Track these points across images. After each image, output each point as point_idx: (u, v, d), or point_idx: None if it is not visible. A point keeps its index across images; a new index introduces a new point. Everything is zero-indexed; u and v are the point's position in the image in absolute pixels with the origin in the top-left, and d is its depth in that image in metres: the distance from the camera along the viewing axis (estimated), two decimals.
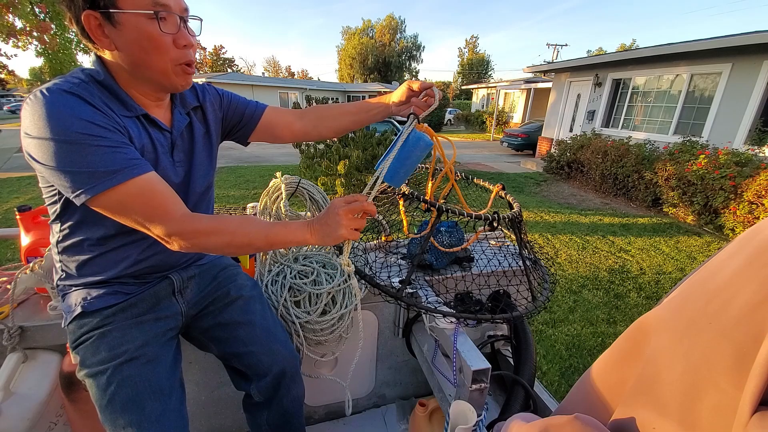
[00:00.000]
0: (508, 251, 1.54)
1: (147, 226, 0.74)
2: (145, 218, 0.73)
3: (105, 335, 0.84)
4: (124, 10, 0.70)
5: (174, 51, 0.76)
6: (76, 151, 0.68)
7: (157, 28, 0.73)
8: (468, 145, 15.38)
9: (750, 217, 4.62)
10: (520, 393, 1.16)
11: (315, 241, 0.79)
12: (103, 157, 0.69)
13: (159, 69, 0.77)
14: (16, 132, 14.71)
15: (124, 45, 0.73)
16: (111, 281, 0.87)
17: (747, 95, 5.94)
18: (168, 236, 0.75)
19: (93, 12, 0.70)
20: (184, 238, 0.75)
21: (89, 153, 0.68)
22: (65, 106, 0.68)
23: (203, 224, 0.76)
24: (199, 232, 0.76)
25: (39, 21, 7.90)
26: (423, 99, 1.03)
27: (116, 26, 0.72)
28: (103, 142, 0.70)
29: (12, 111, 32.25)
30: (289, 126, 1.10)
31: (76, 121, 0.68)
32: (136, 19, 0.71)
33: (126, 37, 0.73)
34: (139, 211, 0.73)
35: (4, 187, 6.64)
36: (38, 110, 0.67)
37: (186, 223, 0.75)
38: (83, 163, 0.68)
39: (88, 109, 0.70)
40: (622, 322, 2.94)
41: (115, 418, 0.81)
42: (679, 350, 0.41)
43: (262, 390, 1.03)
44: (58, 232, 0.83)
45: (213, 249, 0.79)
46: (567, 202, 6.62)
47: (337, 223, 0.76)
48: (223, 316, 1.03)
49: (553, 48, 27.14)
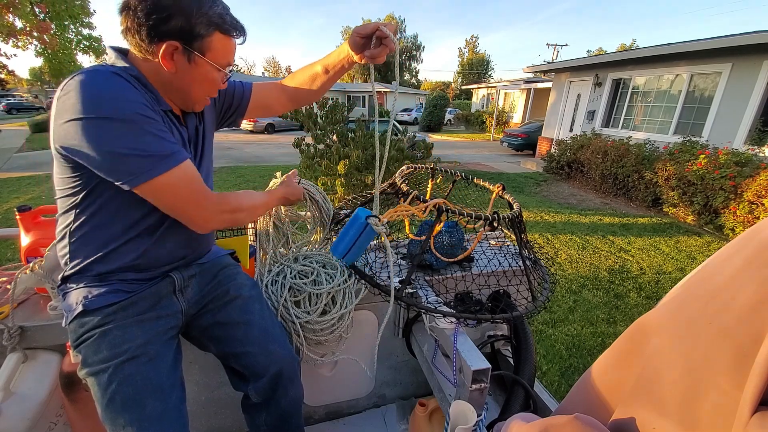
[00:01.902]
0: (508, 251, 1.53)
1: (188, 209, 0.83)
2: (188, 201, 0.82)
3: (106, 334, 0.84)
4: (206, 59, 0.81)
5: (215, 91, 0.91)
6: (132, 133, 0.71)
7: (218, 78, 0.87)
8: (468, 145, 15.39)
9: (750, 217, 4.62)
10: (520, 393, 1.16)
11: (282, 193, 1.19)
12: (157, 142, 0.74)
13: (194, 97, 0.89)
14: (16, 132, 14.72)
15: (183, 75, 0.82)
16: (113, 277, 0.87)
17: (747, 95, 5.94)
18: (208, 217, 0.87)
19: (177, 44, 0.77)
20: (222, 217, 0.90)
21: (144, 135, 0.73)
22: (120, 88, 0.72)
23: (231, 202, 0.93)
24: (234, 209, 0.93)
25: (39, 21, 7.91)
26: (379, 48, 0.92)
27: (190, 63, 0.81)
28: (155, 126, 0.75)
29: (7, 110, 29.81)
30: (278, 99, 1.19)
31: (131, 102, 0.72)
32: (211, 68, 0.84)
33: (192, 73, 0.82)
34: (185, 195, 0.81)
35: (4, 187, 6.64)
36: (89, 90, 0.69)
37: (223, 203, 0.90)
38: (139, 146, 0.72)
39: (138, 93, 0.75)
40: (622, 322, 2.94)
41: (115, 417, 0.81)
42: (679, 350, 0.41)
43: (259, 391, 1.03)
44: (71, 223, 0.83)
45: (239, 223, 1.05)
46: (567, 202, 6.62)
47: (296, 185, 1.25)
48: (222, 315, 1.03)
49: (553, 48, 27.16)
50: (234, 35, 0.85)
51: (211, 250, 1.12)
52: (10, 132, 14.97)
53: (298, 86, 1.15)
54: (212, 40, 0.80)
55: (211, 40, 0.80)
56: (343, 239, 0.94)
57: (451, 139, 17.76)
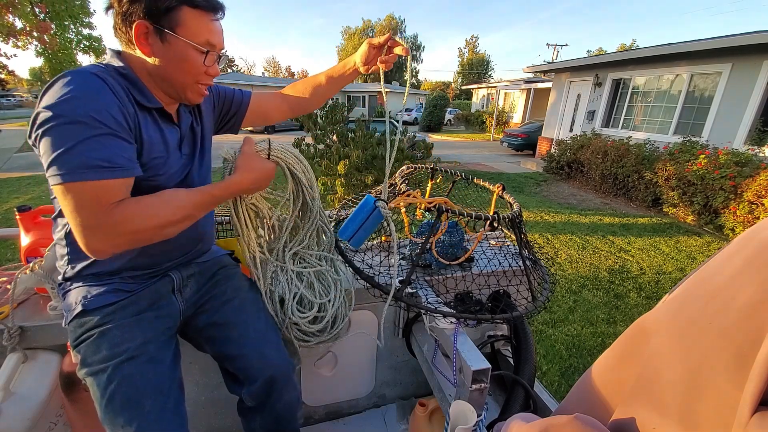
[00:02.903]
0: (508, 251, 1.53)
1: (78, 229, 0.71)
2: (79, 223, 0.70)
3: (105, 333, 0.84)
4: (178, 36, 0.78)
5: (203, 76, 0.85)
6: (74, 133, 0.68)
7: (200, 61, 0.82)
8: (468, 145, 15.39)
9: (750, 217, 4.62)
10: (520, 393, 1.16)
11: (250, 182, 0.91)
12: (96, 148, 0.69)
13: (181, 84, 0.84)
14: (17, 132, 14.72)
15: (163, 57, 0.80)
16: (113, 276, 0.87)
17: (747, 95, 5.94)
18: (97, 246, 0.71)
19: (147, 23, 0.76)
20: (117, 241, 0.72)
21: (86, 138, 0.69)
22: (89, 90, 0.72)
23: (135, 223, 0.73)
24: (137, 229, 0.73)
25: (39, 21, 7.92)
26: (390, 55, 1.02)
27: (164, 42, 0.78)
28: (105, 132, 0.71)
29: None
30: (278, 108, 1.19)
31: (91, 104, 0.70)
32: (186, 46, 0.79)
33: (169, 54, 0.79)
34: (80, 216, 0.70)
35: (4, 187, 6.64)
36: (59, 89, 0.69)
37: (119, 225, 0.71)
38: (73, 145, 0.68)
39: (109, 96, 0.73)
40: (622, 322, 2.94)
41: (114, 417, 0.81)
42: (679, 350, 0.41)
43: (253, 395, 1.01)
44: (68, 223, 0.83)
45: (156, 239, 0.77)
46: (567, 202, 6.62)
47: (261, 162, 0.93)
48: (219, 315, 1.02)
49: (553, 48, 27.14)
50: (204, 8, 0.80)
51: (210, 249, 1.11)
52: (10, 132, 14.97)
53: (299, 95, 1.18)
54: (181, 15, 0.77)
55: (180, 14, 0.77)
56: (351, 223, 0.97)
57: (451, 139, 17.75)
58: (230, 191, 0.89)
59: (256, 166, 0.92)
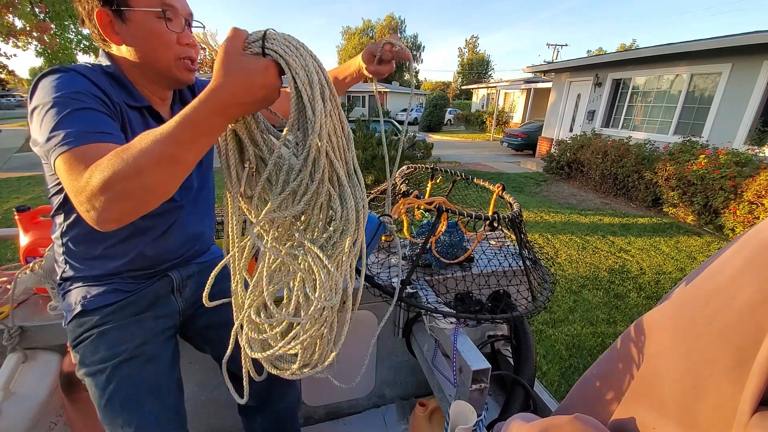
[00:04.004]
0: (508, 251, 1.53)
1: (72, 197, 0.61)
2: (70, 188, 0.61)
3: (104, 333, 0.84)
4: (134, 8, 0.75)
5: (177, 47, 0.81)
6: (59, 108, 0.67)
7: (163, 26, 0.78)
8: (468, 145, 15.39)
9: (750, 217, 4.62)
10: (520, 393, 1.16)
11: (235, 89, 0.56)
12: (81, 116, 0.67)
13: (163, 63, 0.81)
14: (17, 132, 14.70)
15: (132, 40, 0.78)
16: (113, 276, 0.87)
17: (747, 95, 5.93)
18: (83, 206, 0.58)
19: (105, 9, 0.75)
20: (96, 201, 0.56)
21: (71, 109, 0.67)
22: (73, 82, 0.71)
23: (103, 172, 0.56)
24: (107, 181, 0.55)
25: (39, 21, 7.91)
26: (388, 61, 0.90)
27: (126, 22, 0.76)
28: (88, 104, 0.70)
29: None
30: (282, 106, 1.09)
31: (74, 87, 0.70)
32: (145, 16, 0.76)
33: (134, 32, 0.77)
34: (70, 180, 0.61)
35: (4, 187, 6.64)
36: (45, 85, 0.70)
37: (86, 179, 0.57)
38: (63, 118, 0.66)
39: (91, 86, 0.73)
40: (622, 322, 2.94)
41: (113, 417, 0.81)
42: (679, 350, 0.41)
43: (254, 395, 1.01)
44: (63, 223, 0.83)
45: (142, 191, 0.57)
46: (567, 202, 6.62)
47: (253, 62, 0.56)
48: (218, 316, 1.01)
49: (553, 48, 27.14)
50: None
51: (209, 249, 1.11)
52: (10, 132, 14.96)
53: None
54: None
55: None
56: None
57: (451, 139, 17.75)
58: (212, 108, 0.56)
59: (244, 66, 0.56)
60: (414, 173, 1.47)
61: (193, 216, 0.98)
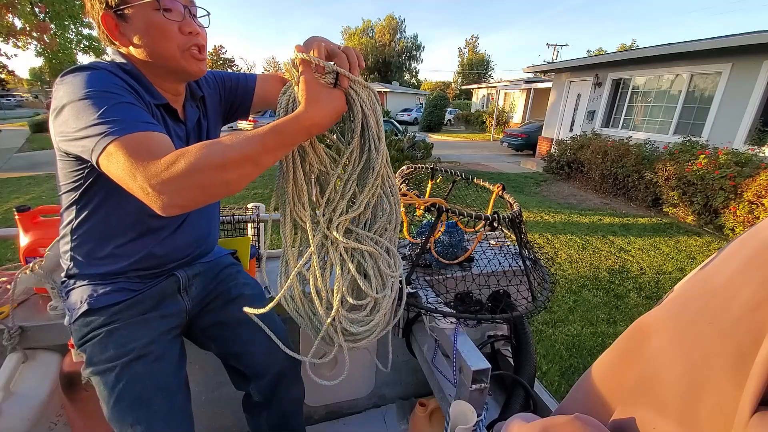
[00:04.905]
0: (508, 251, 1.53)
1: (128, 181, 0.64)
2: (127, 172, 0.63)
3: (113, 333, 0.84)
4: (130, 4, 0.76)
5: (180, 37, 0.80)
6: (99, 102, 0.68)
7: (161, 17, 0.77)
8: (468, 145, 15.39)
9: (750, 217, 4.62)
10: (520, 393, 1.16)
11: (321, 117, 0.66)
12: (123, 109, 0.69)
13: (169, 56, 0.80)
14: (17, 132, 14.71)
15: (137, 38, 0.78)
16: (119, 275, 0.87)
17: (747, 95, 5.94)
18: (149, 188, 0.61)
19: (108, 12, 0.76)
20: (172, 186, 0.61)
21: (112, 103, 0.68)
22: (102, 77, 0.72)
23: (189, 160, 0.61)
24: (188, 169, 0.60)
25: (39, 21, 7.92)
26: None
27: (127, 21, 0.77)
28: (125, 99, 0.72)
29: None
30: (263, 88, 1.10)
31: (107, 83, 0.71)
32: (142, 10, 0.76)
33: (136, 29, 0.77)
34: (127, 165, 0.63)
35: (4, 187, 6.64)
36: (78, 80, 0.70)
37: (165, 166, 0.61)
38: (104, 112, 0.67)
39: (120, 80, 0.74)
40: (622, 322, 2.94)
41: (123, 416, 0.81)
42: (679, 350, 0.41)
43: (260, 390, 1.03)
44: (74, 219, 0.83)
45: (221, 186, 0.64)
46: (567, 202, 6.62)
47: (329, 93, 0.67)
48: (224, 314, 1.03)
49: (553, 48, 27.13)
50: None
51: (214, 249, 1.12)
52: (10, 132, 14.96)
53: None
54: None
55: None
56: None
57: (451, 139, 17.75)
58: (301, 127, 0.65)
59: (324, 98, 0.67)
60: (414, 173, 1.48)
61: (202, 217, 0.99)
